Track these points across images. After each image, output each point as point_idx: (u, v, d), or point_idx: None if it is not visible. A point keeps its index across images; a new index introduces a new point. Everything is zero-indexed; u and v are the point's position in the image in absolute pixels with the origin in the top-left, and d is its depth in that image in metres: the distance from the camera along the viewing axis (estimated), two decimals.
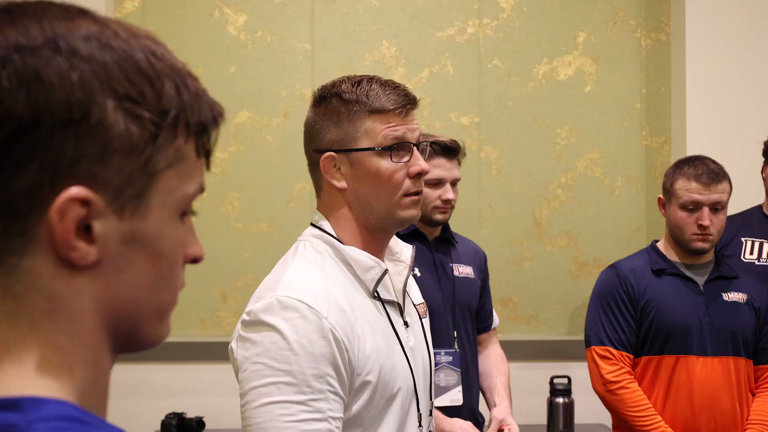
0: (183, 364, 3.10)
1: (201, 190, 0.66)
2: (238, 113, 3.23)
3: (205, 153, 0.65)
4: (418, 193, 1.34)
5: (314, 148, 1.34)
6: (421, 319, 1.45)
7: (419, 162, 1.32)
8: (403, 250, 1.43)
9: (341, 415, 1.20)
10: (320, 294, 1.23)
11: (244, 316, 1.24)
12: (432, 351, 1.45)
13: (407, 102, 1.32)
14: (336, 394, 1.20)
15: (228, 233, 3.22)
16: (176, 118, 0.61)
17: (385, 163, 1.31)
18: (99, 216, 0.58)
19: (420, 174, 1.32)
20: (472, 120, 3.33)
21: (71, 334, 0.59)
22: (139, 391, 3.07)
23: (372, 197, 1.32)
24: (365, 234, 1.34)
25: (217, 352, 3.12)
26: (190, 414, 2.95)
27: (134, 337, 0.64)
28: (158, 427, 2.89)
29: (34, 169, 0.56)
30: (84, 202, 0.57)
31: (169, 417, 2.88)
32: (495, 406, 2.25)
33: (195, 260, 0.67)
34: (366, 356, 1.24)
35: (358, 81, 1.33)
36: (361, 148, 1.31)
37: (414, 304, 1.45)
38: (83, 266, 0.58)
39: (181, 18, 3.24)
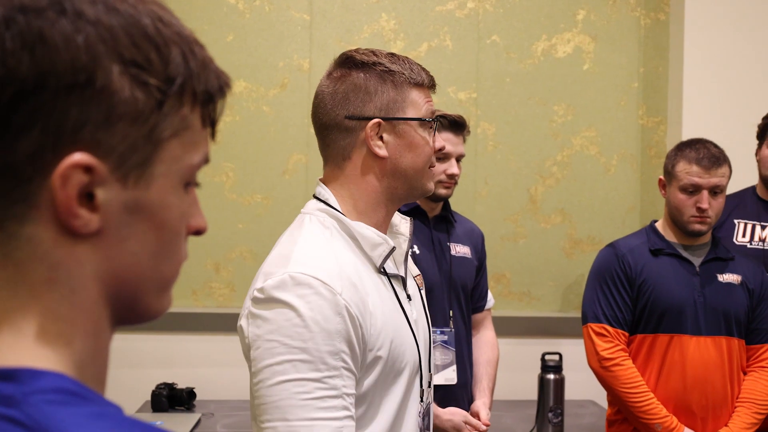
0: (174, 334, 3.09)
1: (206, 160, 0.64)
2: (234, 83, 3.18)
3: (210, 123, 0.63)
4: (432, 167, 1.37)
5: (350, 113, 1.28)
6: (420, 290, 1.44)
7: (439, 138, 1.35)
8: (401, 223, 1.42)
9: (354, 391, 1.19)
10: (333, 269, 1.20)
11: (256, 293, 1.19)
12: (430, 323, 1.44)
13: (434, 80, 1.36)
14: (349, 370, 1.18)
15: (222, 204, 3.19)
16: (183, 85, 0.59)
17: (426, 135, 1.32)
18: (102, 183, 0.56)
19: (439, 149, 1.35)
20: (469, 95, 3.30)
21: (71, 304, 0.57)
22: (130, 361, 3.06)
23: (410, 167, 1.30)
24: (380, 207, 1.32)
25: (208, 322, 3.12)
26: (181, 384, 2.95)
27: (135, 308, 0.62)
28: (149, 398, 2.88)
29: (37, 133, 0.54)
30: (87, 168, 0.55)
31: (159, 387, 2.87)
32: (475, 400, 2.30)
33: (198, 232, 0.66)
34: (378, 331, 1.22)
35: (385, 52, 1.32)
36: (411, 117, 1.30)
37: (413, 276, 1.44)
38: (85, 235, 0.57)
39: None
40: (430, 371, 1.40)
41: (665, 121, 3.38)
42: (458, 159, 2.28)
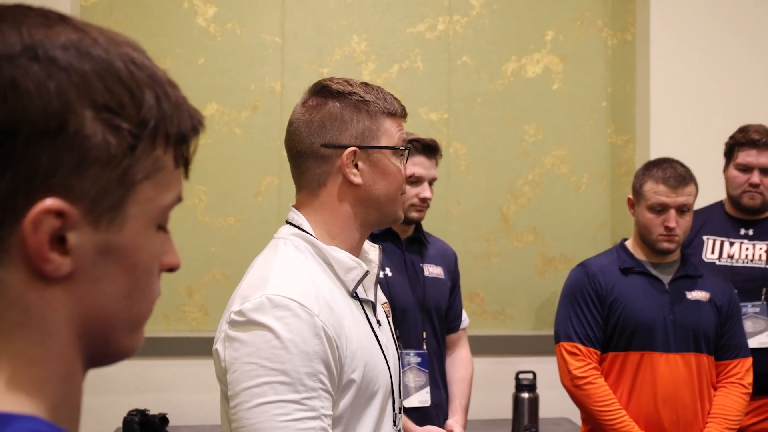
0: (146, 359, 3.06)
1: (179, 199, 0.65)
2: (206, 106, 3.19)
3: (183, 162, 0.64)
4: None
5: (326, 142, 1.31)
6: (387, 318, 1.46)
7: (409, 164, 1.38)
8: (370, 250, 1.44)
9: (331, 412, 1.21)
10: (309, 291, 1.22)
11: (233, 316, 1.20)
12: (400, 350, 1.46)
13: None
14: (327, 391, 1.19)
15: (194, 227, 3.18)
16: (155, 128, 0.60)
17: (398, 163, 1.35)
18: (74, 227, 0.57)
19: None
20: (441, 116, 3.33)
21: (44, 348, 0.57)
22: (101, 387, 3.03)
23: (383, 195, 1.34)
24: (353, 233, 1.34)
25: (181, 347, 3.09)
26: (153, 411, 2.91)
27: (107, 349, 0.63)
28: (120, 425, 2.84)
29: (9, 179, 0.55)
30: (59, 213, 0.56)
31: (131, 414, 2.83)
32: (447, 419, 2.31)
33: (171, 269, 0.67)
34: (353, 353, 1.24)
35: (359, 82, 1.35)
36: (386, 146, 1.33)
37: (380, 303, 1.45)
38: (57, 278, 0.57)
39: (149, 8, 3.18)
40: (400, 397, 1.42)
41: (634, 139, 3.44)
42: (430, 182, 2.30)
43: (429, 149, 2.28)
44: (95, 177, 0.57)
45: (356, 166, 1.31)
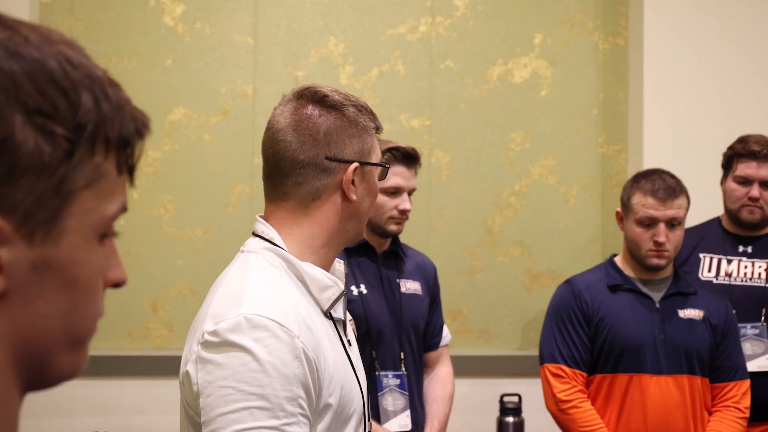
0: (108, 379, 3.03)
1: (123, 209, 0.64)
2: (173, 110, 3.18)
3: (127, 168, 0.63)
4: None
5: (331, 155, 1.32)
6: (354, 336, 1.47)
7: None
8: (335, 265, 1.45)
9: None
10: (288, 310, 1.22)
11: (207, 337, 1.20)
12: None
13: None
14: (305, 416, 1.20)
15: (160, 238, 3.16)
16: (94, 132, 0.58)
17: (379, 180, 1.41)
18: (6, 242, 0.56)
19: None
20: (422, 123, 3.33)
21: None
22: (60, 409, 2.99)
23: (366, 211, 1.38)
24: (332, 249, 1.36)
25: (145, 366, 3.07)
26: None
27: (47, 371, 0.62)
28: None
29: None
30: None
31: None
32: None
33: (117, 285, 0.65)
34: (330, 376, 1.25)
35: (351, 95, 1.39)
36: (378, 163, 1.38)
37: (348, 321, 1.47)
38: None
39: (113, 6, 3.17)
40: (369, 420, 1.43)
41: (626, 149, 3.45)
42: (410, 193, 2.30)
43: (409, 158, 2.28)
44: (28, 187, 0.56)
45: (352, 182, 1.34)
